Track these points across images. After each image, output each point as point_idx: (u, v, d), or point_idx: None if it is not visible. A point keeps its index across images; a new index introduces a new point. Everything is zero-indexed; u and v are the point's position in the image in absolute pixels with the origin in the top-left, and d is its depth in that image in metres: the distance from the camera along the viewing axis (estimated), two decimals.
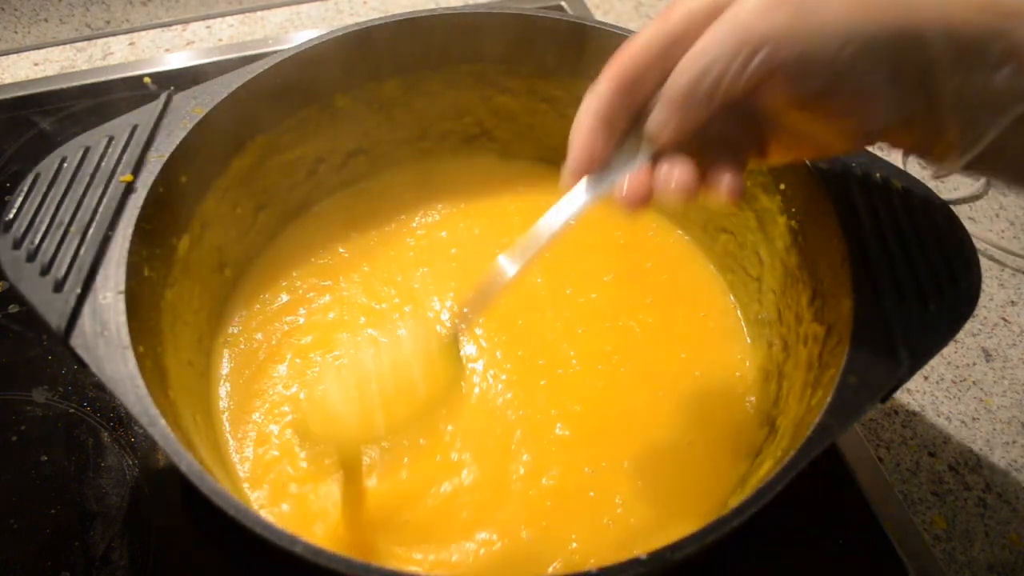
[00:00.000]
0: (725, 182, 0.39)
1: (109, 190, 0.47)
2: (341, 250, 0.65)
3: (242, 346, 0.59)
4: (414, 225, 0.67)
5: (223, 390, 0.56)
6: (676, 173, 0.38)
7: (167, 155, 0.49)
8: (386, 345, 0.45)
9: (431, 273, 0.63)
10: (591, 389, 0.57)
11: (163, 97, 0.52)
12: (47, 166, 0.48)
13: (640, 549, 0.34)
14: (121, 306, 0.42)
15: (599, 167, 0.40)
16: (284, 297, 0.62)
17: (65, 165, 0.48)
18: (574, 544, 0.50)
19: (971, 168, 0.39)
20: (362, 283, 0.63)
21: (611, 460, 0.53)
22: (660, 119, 0.37)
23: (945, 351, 0.64)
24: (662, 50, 0.37)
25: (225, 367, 0.57)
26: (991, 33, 0.34)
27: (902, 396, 0.61)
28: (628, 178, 0.39)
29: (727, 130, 0.40)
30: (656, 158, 0.39)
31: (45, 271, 0.43)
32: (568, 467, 0.53)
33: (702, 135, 0.38)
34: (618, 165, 0.40)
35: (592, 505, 0.51)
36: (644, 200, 0.39)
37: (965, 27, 0.34)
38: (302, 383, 0.57)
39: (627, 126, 0.39)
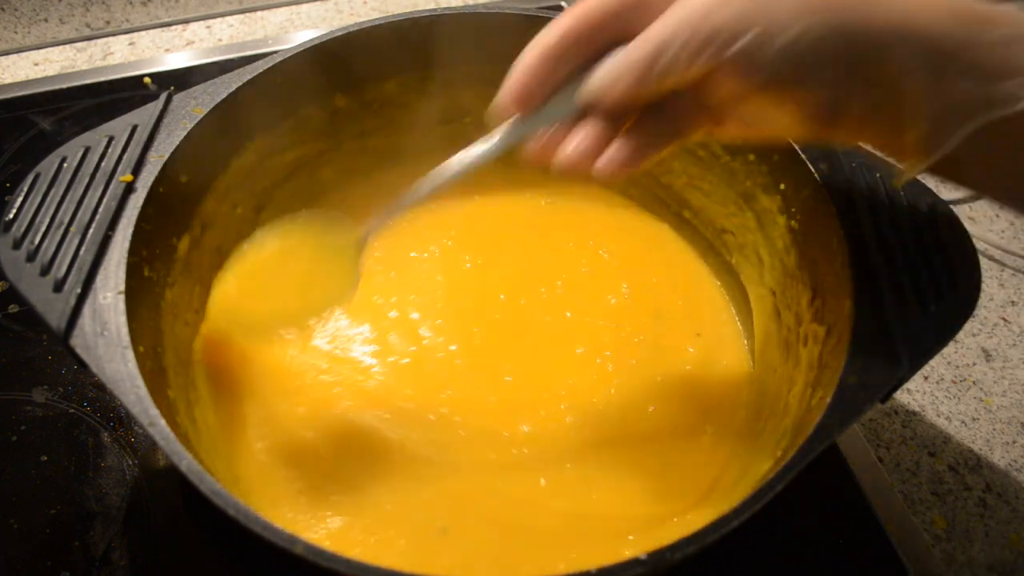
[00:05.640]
0: (609, 154, 0.38)
1: (109, 190, 0.47)
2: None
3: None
4: (418, 219, 0.66)
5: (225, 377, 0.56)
6: (580, 140, 0.38)
7: (167, 155, 0.49)
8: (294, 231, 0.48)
9: (431, 269, 0.63)
10: (568, 350, 0.59)
11: (163, 97, 0.52)
12: (47, 166, 0.48)
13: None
14: (121, 306, 0.43)
15: (531, 109, 0.39)
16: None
17: (65, 165, 0.48)
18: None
19: (937, 173, 0.39)
20: (377, 270, 0.63)
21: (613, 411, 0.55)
22: (603, 83, 0.37)
23: (945, 351, 0.64)
24: (624, 10, 0.37)
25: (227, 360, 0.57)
26: (956, 41, 0.34)
27: (902, 396, 0.61)
28: (543, 134, 0.39)
29: (677, 104, 0.39)
30: (583, 115, 0.39)
31: (45, 271, 0.43)
32: (583, 409, 0.55)
33: (645, 106, 0.38)
34: (547, 112, 0.39)
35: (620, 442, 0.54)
36: (547, 159, 0.39)
37: (928, 32, 0.34)
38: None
39: (569, 74, 0.38)
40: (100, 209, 0.46)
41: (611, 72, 0.37)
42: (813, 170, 0.49)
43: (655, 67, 0.35)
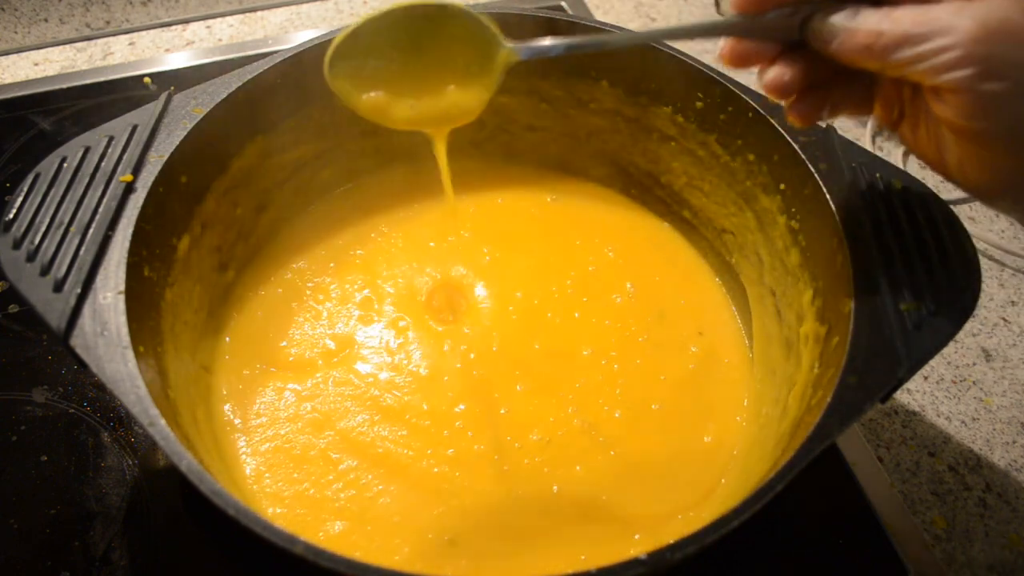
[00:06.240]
0: (804, 106, 0.40)
1: (109, 190, 0.47)
2: (348, 243, 0.65)
3: (244, 330, 0.59)
4: (415, 224, 0.67)
5: (225, 378, 0.56)
6: (777, 73, 0.39)
7: (167, 155, 0.49)
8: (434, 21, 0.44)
9: (433, 266, 0.64)
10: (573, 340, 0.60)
11: (163, 97, 0.52)
12: (47, 166, 0.48)
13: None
14: (121, 306, 0.42)
15: (753, 13, 0.39)
16: (288, 287, 0.62)
17: (65, 165, 0.48)
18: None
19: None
20: (379, 270, 0.64)
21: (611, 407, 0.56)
22: (845, 33, 0.36)
23: (945, 351, 0.64)
24: None
25: (228, 358, 0.57)
26: None
27: (902, 396, 0.61)
28: (747, 41, 0.39)
29: (876, 86, 0.40)
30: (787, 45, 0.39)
31: (45, 271, 0.43)
32: (590, 412, 0.56)
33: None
34: (764, 24, 0.39)
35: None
36: (739, 64, 0.40)
37: None
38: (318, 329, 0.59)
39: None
40: (100, 209, 0.46)
41: (861, 28, 0.35)
42: (813, 170, 0.49)
43: (901, 52, 0.34)
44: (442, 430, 0.54)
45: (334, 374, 0.57)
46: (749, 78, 0.83)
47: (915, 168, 0.77)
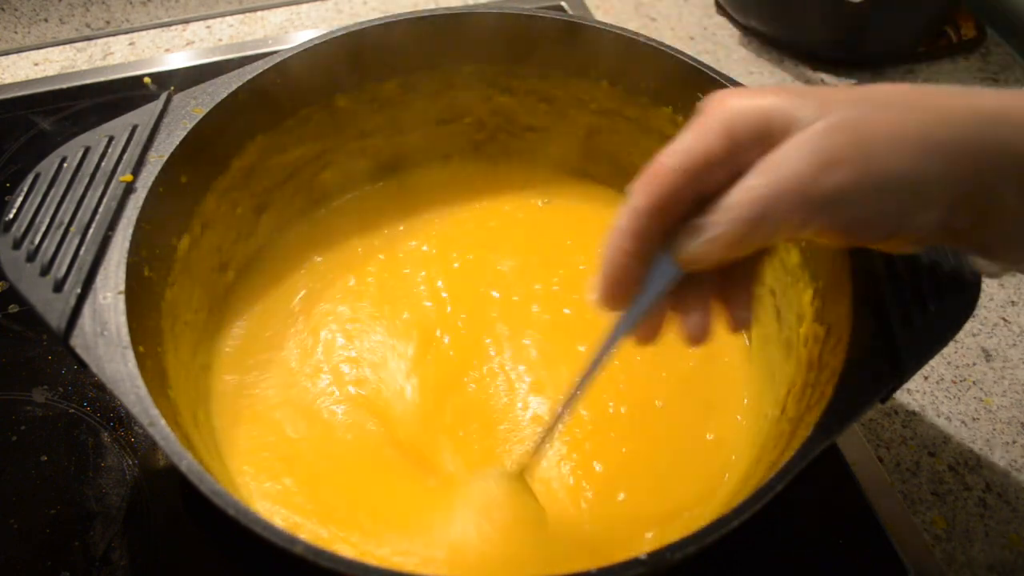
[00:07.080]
0: (735, 320, 0.40)
1: (109, 190, 0.47)
2: (348, 243, 0.65)
3: (244, 330, 0.59)
4: (416, 223, 0.67)
5: (225, 378, 0.56)
6: (694, 321, 0.39)
7: (167, 155, 0.49)
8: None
9: (437, 271, 0.64)
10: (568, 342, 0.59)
11: (163, 97, 0.52)
12: (47, 166, 0.48)
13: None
14: (121, 306, 0.43)
15: (630, 300, 0.38)
16: (288, 287, 0.62)
17: (65, 165, 0.48)
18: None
19: None
20: (375, 273, 0.63)
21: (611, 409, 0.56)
22: (698, 251, 0.35)
23: (945, 351, 0.63)
24: (701, 171, 0.34)
25: (227, 360, 0.57)
26: None
27: (902, 396, 0.61)
28: (643, 323, 0.39)
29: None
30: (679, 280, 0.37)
31: (45, 271, 0.43)
32: (592, 409, 0.55)
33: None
34: (647, 296, 0.38)
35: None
36: (656, 338, 0.40)
37: None
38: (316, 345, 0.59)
39: (658, 247, 0.37)
40: (100, 209, 0.46)
41: (706, 242, 0.34)
42: None
43: (753, 235, 0.33)
44: (442, 431, 0.54)
45: (335, 376, 0.57)
46: (750, 78, 0.83)
47: None
